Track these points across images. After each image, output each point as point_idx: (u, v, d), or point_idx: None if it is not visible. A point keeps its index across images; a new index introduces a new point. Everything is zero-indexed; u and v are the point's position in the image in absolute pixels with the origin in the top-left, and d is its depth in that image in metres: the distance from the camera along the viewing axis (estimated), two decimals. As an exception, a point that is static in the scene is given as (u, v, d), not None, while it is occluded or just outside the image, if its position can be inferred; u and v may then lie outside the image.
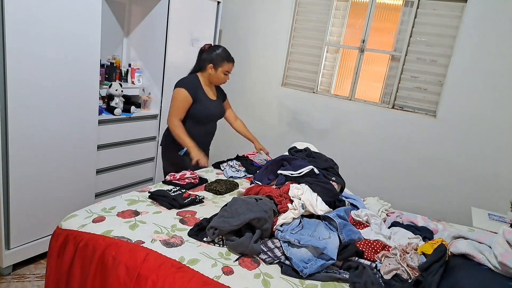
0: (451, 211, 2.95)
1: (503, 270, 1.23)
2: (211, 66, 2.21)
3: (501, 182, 2.79)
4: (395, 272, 1.38)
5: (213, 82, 2.31)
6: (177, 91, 2.16)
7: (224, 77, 2.26)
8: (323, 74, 3.49)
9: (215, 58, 2.20)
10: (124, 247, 1.36)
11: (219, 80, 2.28)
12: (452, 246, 1.44)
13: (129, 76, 2.92)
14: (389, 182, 3.19)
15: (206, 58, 2.22)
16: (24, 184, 2.03)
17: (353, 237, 1.53)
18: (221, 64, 2.21)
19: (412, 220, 1.95)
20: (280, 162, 2.05)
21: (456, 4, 2.85)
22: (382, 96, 3.25)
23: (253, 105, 3.77)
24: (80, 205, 1.75)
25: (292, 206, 1.63)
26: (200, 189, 2.04)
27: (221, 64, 2.21)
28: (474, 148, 2.86)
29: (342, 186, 1.98)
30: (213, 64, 2.20)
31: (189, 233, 1.52)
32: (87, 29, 2.13)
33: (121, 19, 2.94)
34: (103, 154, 2.53)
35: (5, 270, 2.09)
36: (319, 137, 3.44)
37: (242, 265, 1.36)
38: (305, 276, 1.34)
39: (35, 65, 1.92)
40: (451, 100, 2.90)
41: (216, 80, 2.27)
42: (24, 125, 1.95)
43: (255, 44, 3.67)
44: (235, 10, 3.72)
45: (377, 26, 3.20)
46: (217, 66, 2.21)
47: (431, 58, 3.00)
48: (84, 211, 1.61)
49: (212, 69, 2.21)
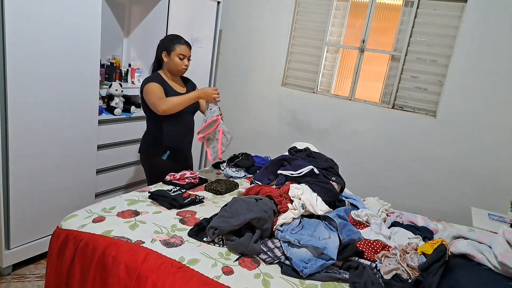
0: (451, 211, 2.95)
1: (503, 270, 1.23)
2: (165, 53, 2.08)
3: (501, 182, 2.79)
4: (395, 272, 1.39)
5: (173, 72, 2.14)
6: (147, 87, 2.02)
7: (180, 62, 2.09)
8: (323, 74, 3.49)
9: (166, 44, 2.09)
10: (124, 247, 1.37)
11: (177, 66, 2.10)
12: (452, 246, 1.44)
13: (129, 76, 2.92)
14: (389, 182, 3.19)
15: (159, 48, 2.12)
16: (24, 184, 2.03)
17: (353, 237, 1.54)
18: (173, 47, 2.06)
19: (412, 220, 1.95)
20: (280, 162, 2.05)
21: (456, 4, 2.85)
22: (382, 96, 3.25)
23: (253, 105, 3.78)
24: (80, 205, 1.76)
25: (292, 206, 1.63)
26: (200, 189, 2.04)
27: (173, 47, 2.06)
28: (474, 148, 2.86)
29: (342, 186, 1.98)
30: (166, 51, 2.08)
31: (189, 233, 1.52)
32: (87, 29, 2.13)
33: (121, 19, 2.94)
34: (103, 154, 2.53)
35: (5, 270, 2.09)
36: (319, 137, 3.44)
37: (242, 265, 1.36)
38: (305, 276, 1.34)
39: (35, 65, 1.92)
40: (451, 100, 2.90)
41: (174, 67, 2.10)
42: (24, 125, 1.95)
43: (255, 44, 3.67)
44: (235, 10, 3.72)
45: (377, 26, 3.20)
46: (170, 51, 2.07)
47: (431, 58, 3.00)
48: (84, 211, 1.61)
49: (166, 56, 2.08)
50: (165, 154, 2.15)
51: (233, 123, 3.84)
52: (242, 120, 3.84)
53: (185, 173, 2.08)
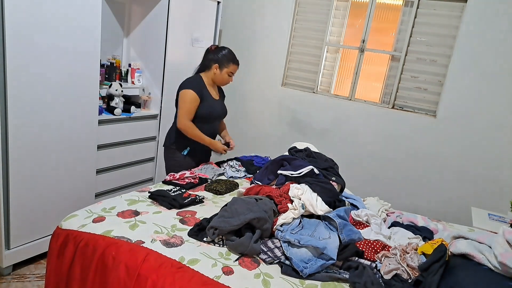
0: (451, 211, 2.95)
1: (503, 270, 1.23)
2: (217, 66, 2.23)
3: (501, 182, 2.79)
4: (395, 272, 1.38)
5: (216, 83, 2.33)
6: (184, 93, 2.17)
7: (228, 78, 2.30)
8: (323, 74, 3.49)
9: (221, 59, 2.23)
10: (124, 247, 1.36)
11: (223, 81, 2.31)
12: (452, 246, 1.44)
13: (129, 76, 2.92)
14: (389, 182, 3.19)
15: (212, 58, 2.25)
16: (24, 184, 2.03)
17: (353, 237, 1.53)
18: (227, 65, 2.24)
19: (412, 220, 1.95)
20: (280, 162, 2.04)
21: (456, 4, 2.85)
22: (382, 96, 3.25)
23: (253, 105, 3.78)
24: (80, 205, 1.76)
25: (292, 206, 1.63)
26: (200, 189, 2.04)
27: (227, 65, 2.24)
28: (474, 148, 2.86)
29: (342, 186, 1.98)
30: (219, 64, 2.23)
31: (189, 233, 1.52)
32: (87, 29, 2.13)
33: (121, 19, 2.94)
34: (103, 154, 2.53)
35: (5, 270, 2.10)
36: (319, 137, 3.44)
37: (242, 265, 1.36)
38: (305, 276, 1.34)
39: (35, 65, 1.92)
40: (451, 100, 2.90)
41: (220, 80, 2.29)
42: (24, 125, 1.95)
43: (255, 44, 3.67)
44: (235, 10, 3.72)
45: (377, 26, 3.20)
46: (223, 66, 2.24)
47: (431, 58, 3.00)
48: (84, 211, 1.61)
49: (218, 69, 2.24)
50: (185, 150, 2.25)
51: (233, 123, 3.84)
52: (242, 120, 3.84)
53: (185, 173, 2.08)
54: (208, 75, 2.28)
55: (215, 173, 2.28)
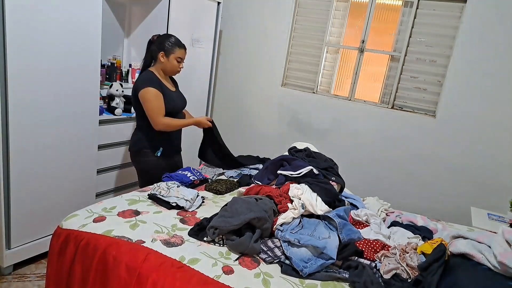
0: (450, 211, 2.96)
1: (502, 270, 1.24)
2: (162, 54, 2.11)
3: (501, 182, 2.80)
4: (395, 272, 1.39)
5: (167, 72, 2.19)
6: (145, 92, 2.04)
7: (177, 64, 2.15)
8: (323, 74, 3.49)
9: (166, 46, 2.11)
10: (125, 247, 1.37)
11: (173, 68, 2.16)
12: (452, 246, 1.44)
13: (130, 76, 2.92)
14: (389, 182, 3.19)
15: (156, 48, 2.13)
16: (25, 184, 2.03)
17: (353, 237, 1.54)
18: (173, 51, 2.11)
19: (411, 219, 1.96)
20: (280, 162, 2.05)
21: (456, 4, 2.86)
22: (381, 96, 3.26)
23: (253, 105, 3.78)
24: (81, 205, 1.76)
25: (292, 206, 1.63)
26: (200, 189, 2.05)
27: (173, 51, 2.11)
28: (473, 148, 2.86)
29: (341, 186, 1.99)
30: (164, 52, 2.11)
31: (190, 232, 1.53)
32: (88, 29, 2.13)
33: (122, 20, 2.94)
34: (104, 154, 2.53)
35: (6, 270, 2.10)
36: (319, 137, 3.44)
37: (242, 264, 1.37)
38: (305, 275, 1.34)
39: (35, 65, 1.93)
40: (450, 100, 2.90)
41: (170, 68, 2.16)
42: (25, 125, 1.96)
43: (255, 44, 3.67)
44: (235, 10, 3.72)
45: (376, 26, 3.21)
46: (169, 53, 2.11)
47: (430, 58, 3.00)
48: (84, 210, 1.61)
49: (164, 57, 2.11)
50: (158, 151, 2.17)
51: (233, 123, 3.85)
52: (242, 120, 3.84)
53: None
54: (157, 68, 2.16)
55: (215, 173, 2.29)
